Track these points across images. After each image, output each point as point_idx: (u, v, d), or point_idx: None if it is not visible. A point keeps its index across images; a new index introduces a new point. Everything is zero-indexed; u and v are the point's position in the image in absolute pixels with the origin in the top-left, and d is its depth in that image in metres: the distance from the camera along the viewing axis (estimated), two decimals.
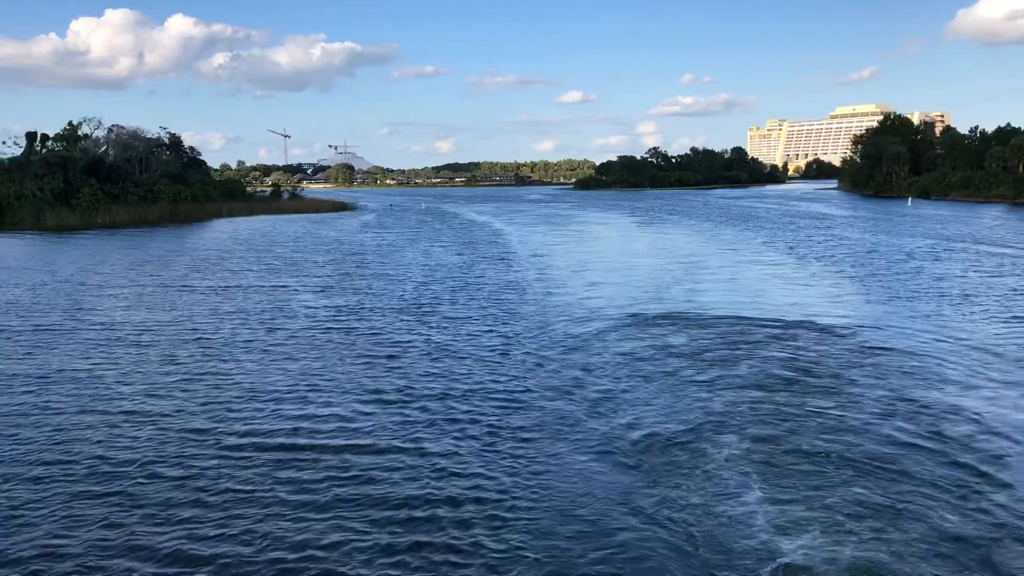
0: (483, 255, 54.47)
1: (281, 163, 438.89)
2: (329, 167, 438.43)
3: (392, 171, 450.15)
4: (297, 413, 17.49)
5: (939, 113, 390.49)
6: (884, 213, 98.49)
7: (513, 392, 19.09)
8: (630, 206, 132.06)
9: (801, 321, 28.09)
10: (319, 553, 11.01)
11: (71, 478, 13.90)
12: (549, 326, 27.72)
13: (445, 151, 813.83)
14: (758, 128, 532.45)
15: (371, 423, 16.77)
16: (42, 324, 28.84)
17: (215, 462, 14.52)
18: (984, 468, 13.89)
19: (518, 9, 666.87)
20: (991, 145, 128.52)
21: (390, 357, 22.85)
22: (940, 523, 11.45)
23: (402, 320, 29.05)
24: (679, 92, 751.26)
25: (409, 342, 24.97)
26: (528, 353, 23.33)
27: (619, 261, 50.45)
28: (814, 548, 10.82)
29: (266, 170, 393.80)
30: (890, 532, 11.41)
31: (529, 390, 19.22)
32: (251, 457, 14.75)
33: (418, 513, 12.26)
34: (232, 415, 17.48)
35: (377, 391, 19.24)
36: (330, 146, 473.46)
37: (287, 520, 12.01)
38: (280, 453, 14.99)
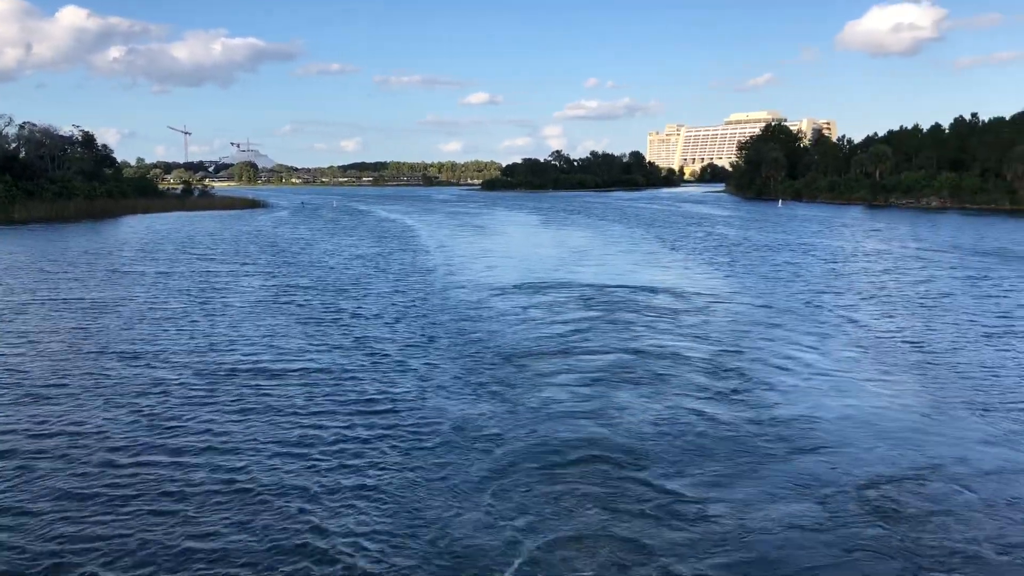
0: (395, 246, 61.03)
1: (181, 160, 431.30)
2: (232, 165, 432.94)
3: (297, 169, 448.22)
4: (242, 363, 23.89)
5: (826, 121, 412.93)
6: (756, 213, 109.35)
7: (411, 333, 26.09)
8: (533, 206, 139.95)
9: (651, 287, 35.99)
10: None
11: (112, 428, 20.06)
12: (448, 293, 34.85)
13: (351, 150, 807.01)
14: (657, 133, 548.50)
15: (300, 354, 23.40)
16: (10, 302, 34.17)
17: (193, 383, 20.87)
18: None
19: (425, 9, 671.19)
20: (857, 152, 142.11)
21: (317, 321, 29.09)
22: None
23: (327, 295, 35.34)
24: (583, 96, 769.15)
25: (334, 309, 31.34)
26: (428, 311, 30.34)
27: (516, 250, 57.80)
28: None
29: (167, 167, 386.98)
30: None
31: (420, 332, 26.18)
32: (214, 379, 21.11)
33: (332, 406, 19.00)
34: (194, 357, 23.79)
35: (306, 339, 25.81)
36: (232, 143, 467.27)
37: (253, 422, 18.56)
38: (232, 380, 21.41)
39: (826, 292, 36.37)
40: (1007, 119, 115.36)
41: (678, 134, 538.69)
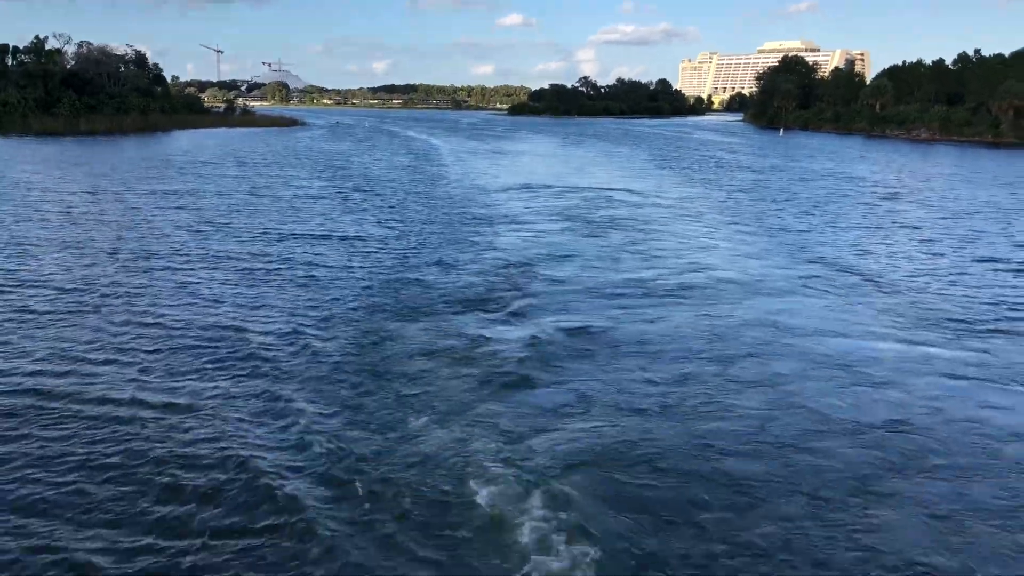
0: (423, 159, 70.70)
1: (214, 79, 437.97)
2: (264, 85, 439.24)
3: (328, 91, 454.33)
4: (308, 231, 33.95)
5: (860, 52, 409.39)
6: (757, 141, 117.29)
7: (422, 212, 36.05)
8: (556, 131, 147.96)
9: (623, 189, 45.62)
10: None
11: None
12: (454, 190, 44.81)
13: (381, 72, 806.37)
14: (689, 60, 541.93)
15: (344, 225, 33.43)
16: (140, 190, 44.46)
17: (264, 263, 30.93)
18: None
19: None
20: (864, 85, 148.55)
21: (353, 206, 39.21)
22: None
23: (369, 188, 45.40)
24: (620, 20, 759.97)
25: (373, 198, 41.39)
26: (437, 200, 40.25)
27: (528, 165, 67.18)
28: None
29: (200, 86, 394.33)
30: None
31: (442, 211, 36.14)
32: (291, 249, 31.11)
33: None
34: (280, 236, 33.88)
35: (347, 217, 35.86)
36: (264, 63, 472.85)
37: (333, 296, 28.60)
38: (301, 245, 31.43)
39: (762, 199, 45.70)
40: (1006, 55, 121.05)
41: (710, 62, 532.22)
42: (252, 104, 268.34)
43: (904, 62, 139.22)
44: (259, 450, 11.60)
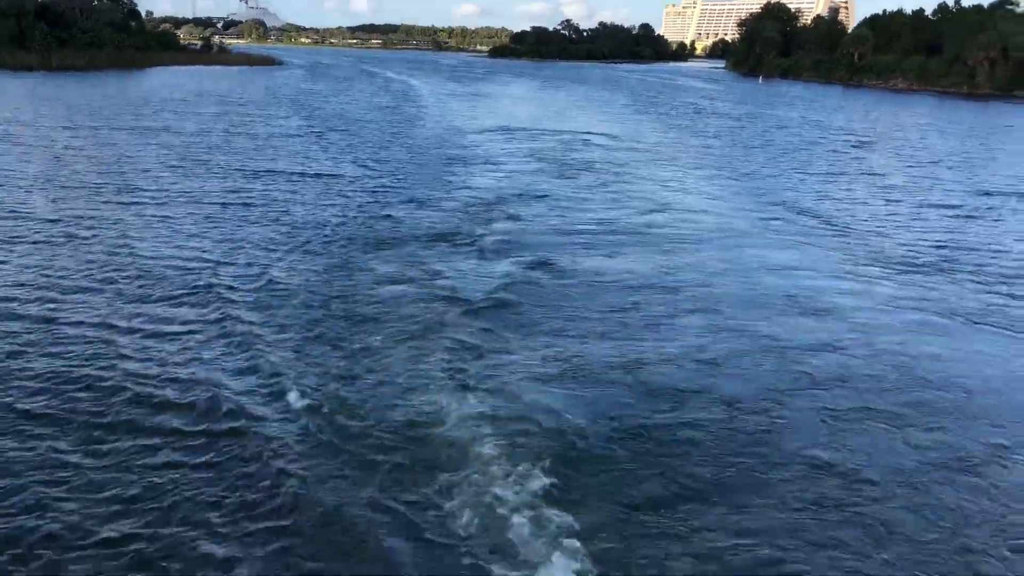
0: (402, 100, 70.72)
1: (189, 15, 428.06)
2: (241, 22, 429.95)
3: (306, 29, 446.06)
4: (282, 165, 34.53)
5: (843, 0, 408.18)
6: (736, 89, 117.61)
7: (400, 151, 36.69)
8: (536, 74, 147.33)
9: (599, 132, 46.38)
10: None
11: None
12: (442, 131, 45.18)
13: (361, 10, 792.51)
14: (673, 5, 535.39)
15: (321, 163, 34.06)
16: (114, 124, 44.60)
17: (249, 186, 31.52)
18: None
19: None
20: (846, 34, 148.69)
21: (343, 143, 39.76)
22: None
23: (346, 128, 45.80)
24: None
25: (349, 138, 41.87)
26: (415, 139, 40.86)
27: (507, 108, 67.42)
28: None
29: (176, 23, 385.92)
30: None
31: (418, 152, 36.77)
32: (271, 181, 31.71)
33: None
34: (257, 164, 34.41)
35: (330, 159, 36.43)
36: (240, 0, 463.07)
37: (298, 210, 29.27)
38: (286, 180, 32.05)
39: (735, 145, 46.63)
40: (984, 7, 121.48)
41: (694, 7, 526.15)
42: (228, 42, 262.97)
43: (885, 11, 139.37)
44: (229, 371, 12.39)
